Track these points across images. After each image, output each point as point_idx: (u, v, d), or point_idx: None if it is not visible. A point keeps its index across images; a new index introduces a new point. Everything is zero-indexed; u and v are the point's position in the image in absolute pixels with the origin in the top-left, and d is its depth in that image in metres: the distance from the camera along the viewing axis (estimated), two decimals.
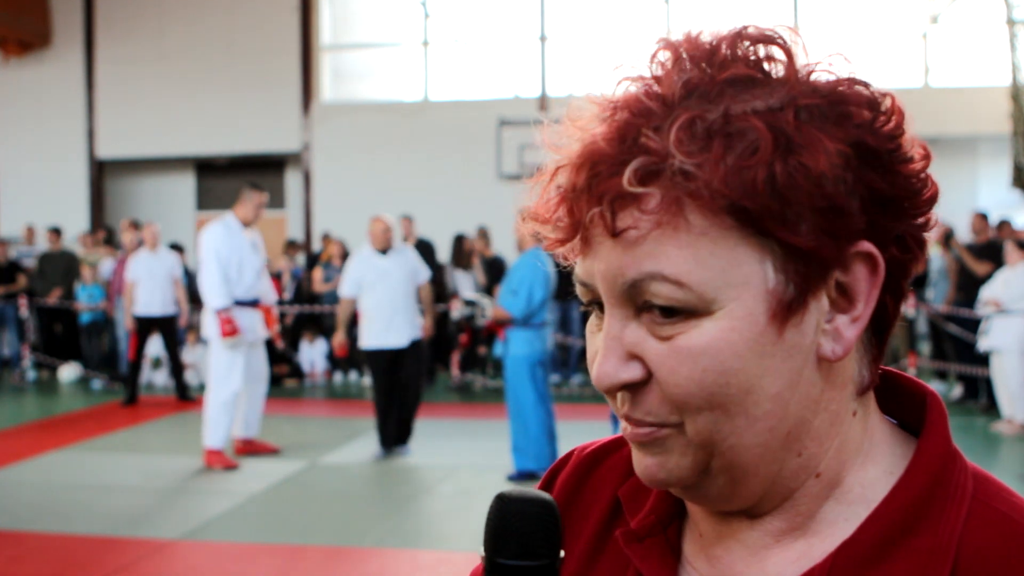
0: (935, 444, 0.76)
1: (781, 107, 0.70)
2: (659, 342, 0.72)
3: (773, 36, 0.73)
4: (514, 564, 0.73)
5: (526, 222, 0.78)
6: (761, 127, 0.68)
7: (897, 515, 0.73)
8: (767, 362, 0.71)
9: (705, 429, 0.72)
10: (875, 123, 0.72)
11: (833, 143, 0.69)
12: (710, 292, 0.70)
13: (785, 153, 0.68)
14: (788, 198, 0.68)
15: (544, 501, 0.75)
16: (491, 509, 0.75)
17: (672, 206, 0.69)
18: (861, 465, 0.77)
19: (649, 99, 0.71)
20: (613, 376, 0.73)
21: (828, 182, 0.69)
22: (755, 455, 0.73)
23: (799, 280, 0.71)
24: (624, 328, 0.73)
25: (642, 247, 0.70)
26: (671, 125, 0.69)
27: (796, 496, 0.76)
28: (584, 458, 0.92)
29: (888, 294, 0.75)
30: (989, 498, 0.74)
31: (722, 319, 0.70)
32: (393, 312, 7.98)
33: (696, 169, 0.68)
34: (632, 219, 0.70)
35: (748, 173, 0.68)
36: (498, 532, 0.74)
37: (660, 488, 0.79)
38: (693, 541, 0.82)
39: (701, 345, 0.70)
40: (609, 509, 0.87)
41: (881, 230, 0.72)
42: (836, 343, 0.73)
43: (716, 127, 0.69)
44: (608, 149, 0.70)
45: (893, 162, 0.72)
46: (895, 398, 0.83)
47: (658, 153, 0.69)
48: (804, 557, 0.76)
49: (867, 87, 0.73)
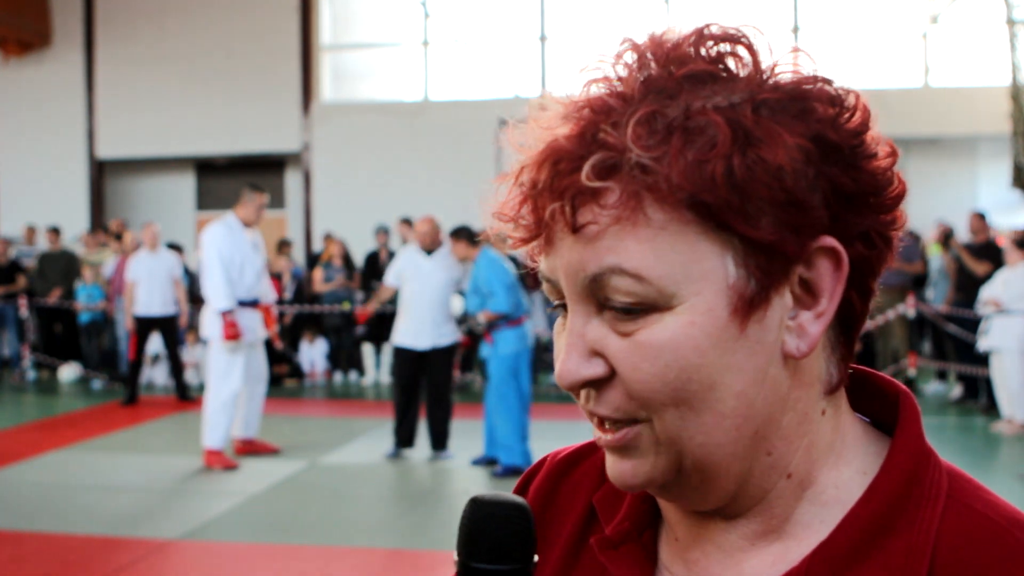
0: (909, 443, 0.76)
1: (741, 102, 0.70)
2: (620, 338, 0.71)
3: (736, 35, 0.73)
4: (486, 568, 0.73)
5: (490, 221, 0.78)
6: (720, 121, 0.68)
7: (872, 516, 0.73)
8: (730, 358, 0.71)
9: (672, 426, 0.72)
10: (838, 119, 0.71)
11: (793, 137, 0.69)
12: (670, 287, 0.69)
13: (743, 147, 0.68)
14: (747, 192, 0.68)
15: (517, 505, 0.75)
16: (464, 512, 0.75)
17: (631, 200, 0.69)
18: (834, 465, 0.77)
19: (611, 97, 0.72)
20: (575, 373, 0.73)
21: (787, 176, 0.68)
22: (725, 453, 0.73)
23: (760, 275, 0.70)
24: (586, 325, 0.73)
25: (602, 242, 0.70)
26: (629, 120, 0.69)
27: (769, 498, 0.76)
28: (557, 464, 0.91)
29: (854, 291, 0.75)
30: (964, 496, 0.74)
31: (683, 314, 0.70)
32: (424, 312, 7.97)
33: (654, 163, 0.68)
34: (592, 214, 0.70)
35: (706, 167, 0.68)
36: (471, 535, 0.74)
37: (634, 492, 0.78)
38: (669, 546, 0.82)
39: (662, 340, 0.70)
40: (584, 516, 0.87)
41: (845, 225, 0.72)
42: (800, 340, 0.73)
43: (676, 123, 0.69)
44: (568, 146, 0.71)
45: (856, 158, 0.72)
46: (868, 397, 0.82)
47: (616, 148, 0.69)
48: (780, 560, 0.76)
49: (830, 84, 0.73)
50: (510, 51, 16.82)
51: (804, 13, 15.85)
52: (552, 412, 10.70)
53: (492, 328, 7.56)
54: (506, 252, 10.62)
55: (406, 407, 8.11)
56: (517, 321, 7.58)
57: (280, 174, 17.57)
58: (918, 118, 14.50)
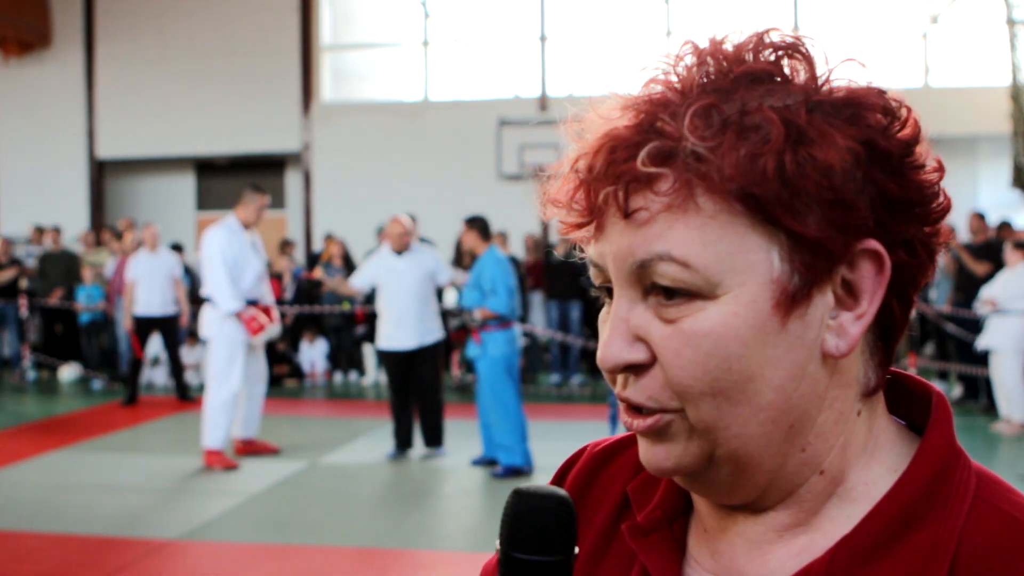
0: (938, 442, 0.77)
1: (795, 104, 0.72)
2: (664, 325, 0.73)
3: (794, 42, 0.75)
4: (530, 559, 0.74)
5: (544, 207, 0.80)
6: (774, 119, 0.70)
7: (897, 511, 0.74)
8: (770, 351, 0.72)
9: (708, 415, 0.73)
10: (889, 128, 0.74)
11: (844, 139, 0.71)
12: (716, 276, 0.71)
13: (796, 144, 0.70)
14: (796, 188, 0.70)
15: (561, 497, 0.76)
16: (508, 504, 0.76)
17: (683, 188, 0.71)
18: (865, 464, 0.78)
19: (670, 91, 0.74)
20: (618, 356, 0.74)
21: (837, 175, 0.70)
22: (758, 445, 0.74)
23: (804, 271, 0.72)
24: (631, 310, 0.75)
25: (652, 228, 0.72)
26: (686, 111, 0.71)
27: (800, 492, 0.77)
28: (596, 455, 0.93)
29: (895, 298, 0.76)
30: (992, 496, 0.75)
31: (726, 304, 0.72)
32: (402, 314, 7.97)
33: (708, 153, 0.70)
34: (644, 200, 0.72)
35: (759, 161, 0.70)
36: (515, 527, 0.75)
37: (666, 476, 0.80)
38: (697, 536, 0.83)
39: (705, 329, 0.72)
40: (618, 504, 0.89)
41: (889, 231, 0.73)
42: (840, 339, 0.74)
43: (732, 118, 0.71)
44: (626, 134, 0.73)
45: (905, 167, 0.74)
46: (903, 400, 0.83)
47: (672, 136, 0.71)
48: (805, 551, 0.77)
49: (884, 94, 0.75)
50: (510, 51, 16.82)
51: (804, 13, 15.84)
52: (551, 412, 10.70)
53: (483, 328, 7.57)
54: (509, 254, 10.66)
55: (401, 408, 8.13)
56: (508, 324, 7.62)
57: (280, 174, 17.58)
58: None
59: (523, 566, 0.74)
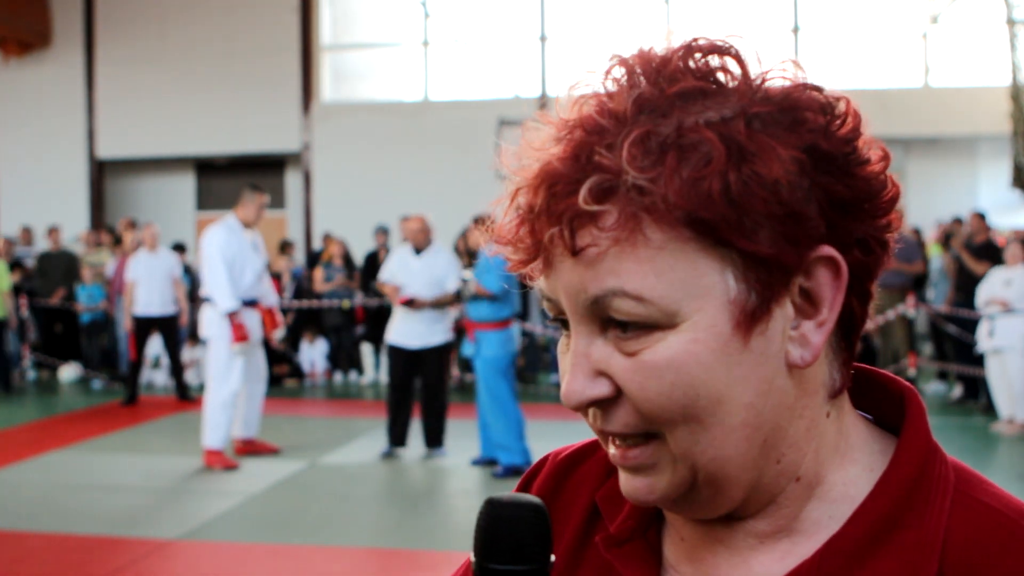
0: (916, 439, 0.77)
1: (733, 117, 0.70)
2: (625, 358, 0.72)
3: (725, 47, 0.73)
4: (504, 569, 0.73)
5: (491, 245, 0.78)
6: (713, 138, 0.68)
7: (883, 510, 0.74)
8: (736, 371, 0.71)
9: (684, 442, 0.72)
10: (829, 127, 0.72)
11: (786, 150, 0.69)
12: (672, 305, 0.70)
13: (738, 162, 0.68)
14: (744, 207, 0.68)
15: (535, 505, 0.75)
16: (481, 514, 0.75)
17: (629, 222, 0.69)
18: (840, 465, 0.77)
19: (602, 116, 0.71)
20: (582, 394, 0.73)
21: (784, 188, 0.69)
22: (735, 464, 0.73)
23: (761, 288, 0.71)
24: (590, 345, 0.73)
25: (602, 264, 0.70)
26: (623, 141, 0.69)
27: (778, 500, 0.77)
28: (560, 463, 0.92)
29: (853, 296, 0.75)
30: (972, 490, 0.75)
31: (686, 332, 0.70)
32: (409, 313, 8.03)
33: (650, 184, 0.68)
34: (591, 237, 0.70)
35: (702, 184, 0.68)
36: (489, 537, 0.74)
37: (648, 506, 0.79)
38: (675, 545, 0.82)
39: (666, 359, 0.70)
40: (587, 514, 0.87)
41: (842, 233, 0.72)
42: (804, 349, 0.73)
43: (669, 141, 0.69)
44: (563, 169, 0.70)
45: (849, 165, 0.72)
46: (871, 395, 0.83)
47: (611, 171, 0.69)
48: (790, 555, 0.76)
49: (820, 91, 0.73)
50: (510, 51, 16.82)
51: (804, 13, 15.84)
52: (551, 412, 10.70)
53: (478, 328, 7.57)
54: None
55: (398, 406, 8.14)
56: (503, 324, 7.59)
57: (280, 174, 17.58)
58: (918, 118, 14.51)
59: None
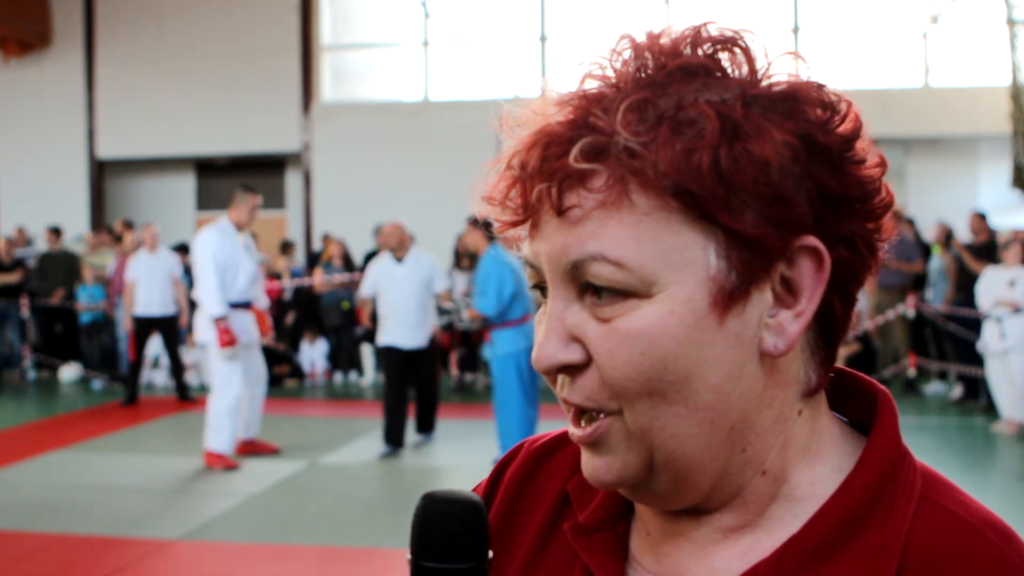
0: (884, 442, 0.76)
1: (732, 98, 0.70)
2: (599, 324, 0.72)
3: (733, 36, 0.73)
4: (437, 567, 0.72)
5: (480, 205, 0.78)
6: (710, 113, 0.69)
7: (844, 512, 0.73)
8: (707, 350, 0.71)
9: (644, 416, 0.72)
10: (828, 123, 0.72)
11: (781, 134, 0.69)
12: (650, 274, 0.70)
13: (731, 139, 0.69)
14: (733, 183, 0.68)
15: (470, 502, 0.74)
16: (416, 510, 0.74)
17: (617, 185, 0.69)
18: (809, 463, 0.77)
19: (605, 87, 0.73)
20: (552, 357, 0.73)
21: (774, 171, 0.69)
22: (696, 447, 0.73)
23: (742, 268, 0.70)
24: (566, 310, 0.73)
25: (586, 226, 0.70)
26: (619, 105, 0.70)
27: (744, 494, 0.76)
28: (534, 451, 0.92)
29: (836, 296, 0.75)
30: (938, 496, 0.74)
31: (662, 302, 0.70)
32: (403, 316, 8.22)
33: (642, 148, 0.69)
34: (577, 198, 0.70)
35: (694, 156, 0.68)
36: (422, 534, 0.73)
37: (608, 488, 0.78)
38: (640, 539, 0.82)
39: (639, 328, 0.70)
40: (557, 502, 0.87)
41: (829, 228, 0.72)
42: (779, 338, 0.73)
43: (667, 113, 0.69)
44: (560, 130, 0.71)
45: (844, 162, 0.72)
46: (849, 397, 0.82)
47: (605, 132, 0.70)
48: (751, 552, 0.76)
49: (823, 89, 0.74)
50: (510, 51, 16.82)
51: (804, 13, 15.84)
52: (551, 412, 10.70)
53: (491, 328, 7.58)
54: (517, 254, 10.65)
55: (396, 405, 8.28)
56: (519, 320, 7.56)
57: (280, 174, 17.58)
58: (918, 118, 14.50)
59: (432, 575, 0.72)
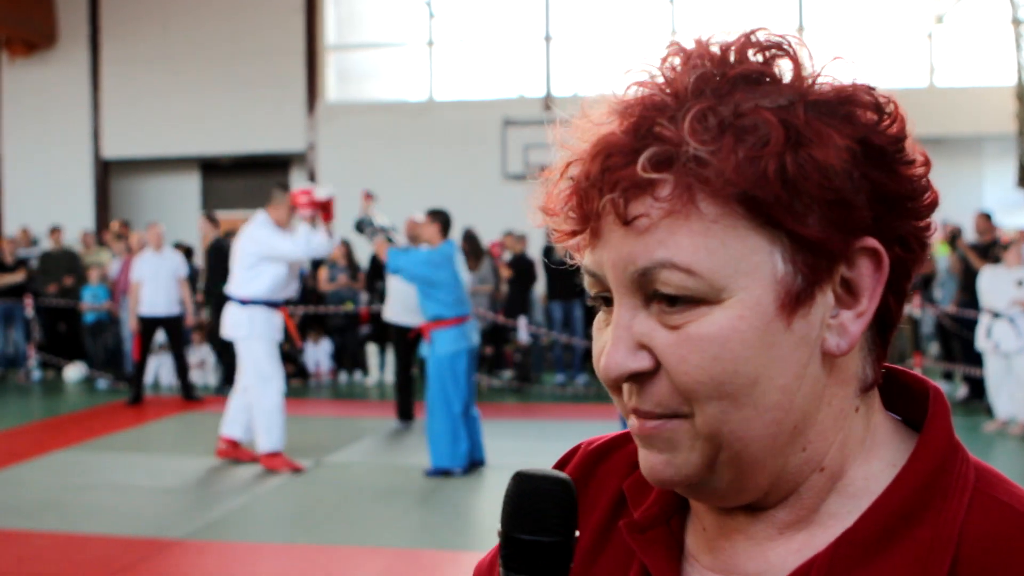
0: (937, 436, 0.77)
1: (791, 104, 0.71)
2: (668, 331, 0.73)
3: (781, 43, 0.75)
4: (530, 539, 0.74)
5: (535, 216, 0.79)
6: (772, 120, 0.70)
7: (898, 505, 0.74)
8: (775, 352, 0.72)
9: (714, 419, 0.73)
10: (880, 124, 0.74)
11: (841, 138, 0.71)
12: (720, 280, 0.71)
13: (795, 145, 0.70)
14: (798, 189, 0.70)
15: (562, 480, 0.76)
16: (509, 486, 0.76)
17: (684, 194, 0.70)
18: (864, 459, 0.78)
19: (663, 95, 0.73)
20: (622, 365, 0.74)
21: (836, 175, 0.70)
22: (762, 447, 0.74)
23: (807, 271, 0.72)
24: (633, 318, 0.74)
25: (653, 235, 0.71)
26: (685, 115, 0.71)
27: (800, 490, 0.77)
28: (591, 452, 0.93)
29: (890, 293, 0.77)
30: (991, 489, 0.75)
31: (732, 308, 0.71)
32: (407, 298, 8.66)
33: (709, 156, 0.70)
34: (644, 207, 0.71)
35: (759, 163, 0.69)
36: (515, 508, 0.75)
37: (666, 487, 0.79)
38: (696, 535, 0.83)
39: (711, 333, 0.71)
40: (614, 501, 0.88)
41: (885, 228, 0.74)
42: (841, 338, 0.74)
43: (728, 120, 0.70)
44: (622, 140, 0.72)
45: (896, 162, 0.74)
46: (900, 395, 0.84)
47: (672, 141, 0.71)
48: (806, 547, 0.77)
49: (872, 91, 0.75)
50: (515, 51, 16.83)
51: (809, 12, 15.83)
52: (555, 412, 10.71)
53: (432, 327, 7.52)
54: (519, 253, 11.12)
55: (406, 380, 9.09)
56: (455, 321, 7.49)
57: (285, 174, 17.59)
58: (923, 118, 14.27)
59: (523, 546, 0.75)
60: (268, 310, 7.68)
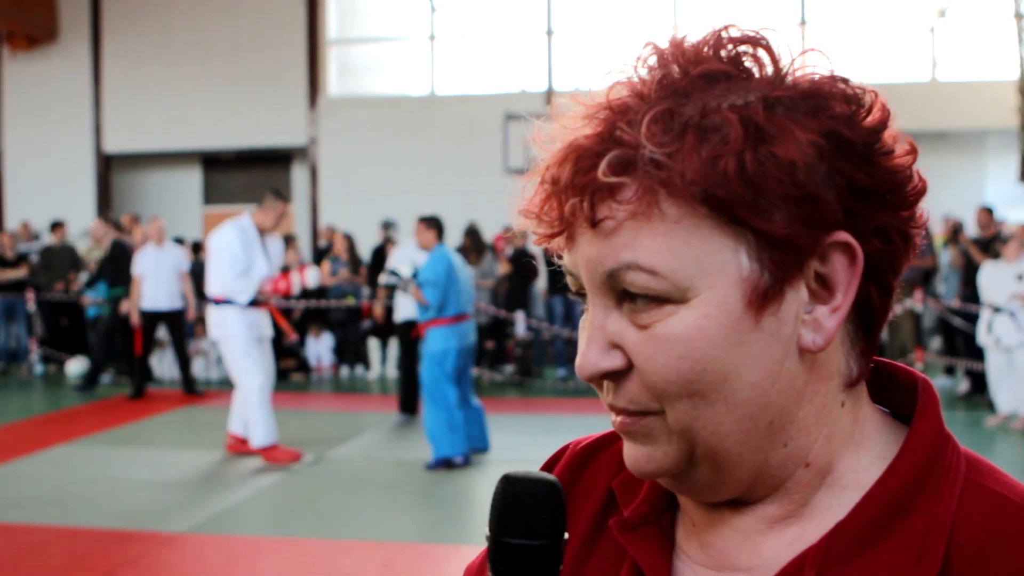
0: (926, 428, 0.77)
1: (754, 100, 0.71)
2: (638, 331, 0.74)
3: (755, 37, 0.75)
4: (518, 543, 0.74)
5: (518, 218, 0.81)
6: (733, 119, 0.70)
7: (890, 496, 0.74)
8: (744, 350, 0.72)
9: (685, 416, 0.74)
10: (853, 117, 0.73)
11: (805, 133, 0.71)
12: (684, 280, 0.72)
13: (755, 142, 0.70)
14: (759, 186, 0.70)
15: (550, 482, 0.76)
16: (497, 489, 0.77)
17: (646, 196, 0.71)
18: (854, 453, 0.78)
19: (629, 97, 0.74)
20: (595, 365, 0.75)
21: (800, 171, 0.70)
22: (736, 442, 0.74)
23: (774, 268, 0.72)
24: (606, 318, 0.76)
25: (619, 237, 0.72)
26: (643, 118, 0.71)
27: (787, 485, 0.78)
28: (579, 452, 0.93)
29: (873, 287, 0.76)
30: (983, 478, 0.75)
31: (698, 307, 0.72)
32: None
33: (667, 159, 0.70)
34: (609, 210, 0.72)
35: (719, 162, 0.70)
36: (503, 511, 0.75)
37: (649, 478, 0.81)
38: (686, 530, 0.83)
39: (677, 333, 0.72)
40: (603, 500, 0.89)
41: (861, 221, 0.73)
42: (816, 334, 0.74)
43: (691, 121, 0.71)
44: (588, 144, 0.73)
45: (872, 154, 0.73)
46: (888, 388, 0.84)
47: (630, 145, 0.71)
48: (798, 540, 0.77)
49: (847, 83, 0.75)
50: (516, 46, 16.81)
51: (811, 7, 15.80)
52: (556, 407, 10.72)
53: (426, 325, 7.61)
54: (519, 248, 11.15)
55: (410, 376, 9.17)
56: (453, 320, 7.58)
57: (287, 168, 17.59)
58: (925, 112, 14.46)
59: (511, 551, 0.74)
60: (242, 309, 7.74)
